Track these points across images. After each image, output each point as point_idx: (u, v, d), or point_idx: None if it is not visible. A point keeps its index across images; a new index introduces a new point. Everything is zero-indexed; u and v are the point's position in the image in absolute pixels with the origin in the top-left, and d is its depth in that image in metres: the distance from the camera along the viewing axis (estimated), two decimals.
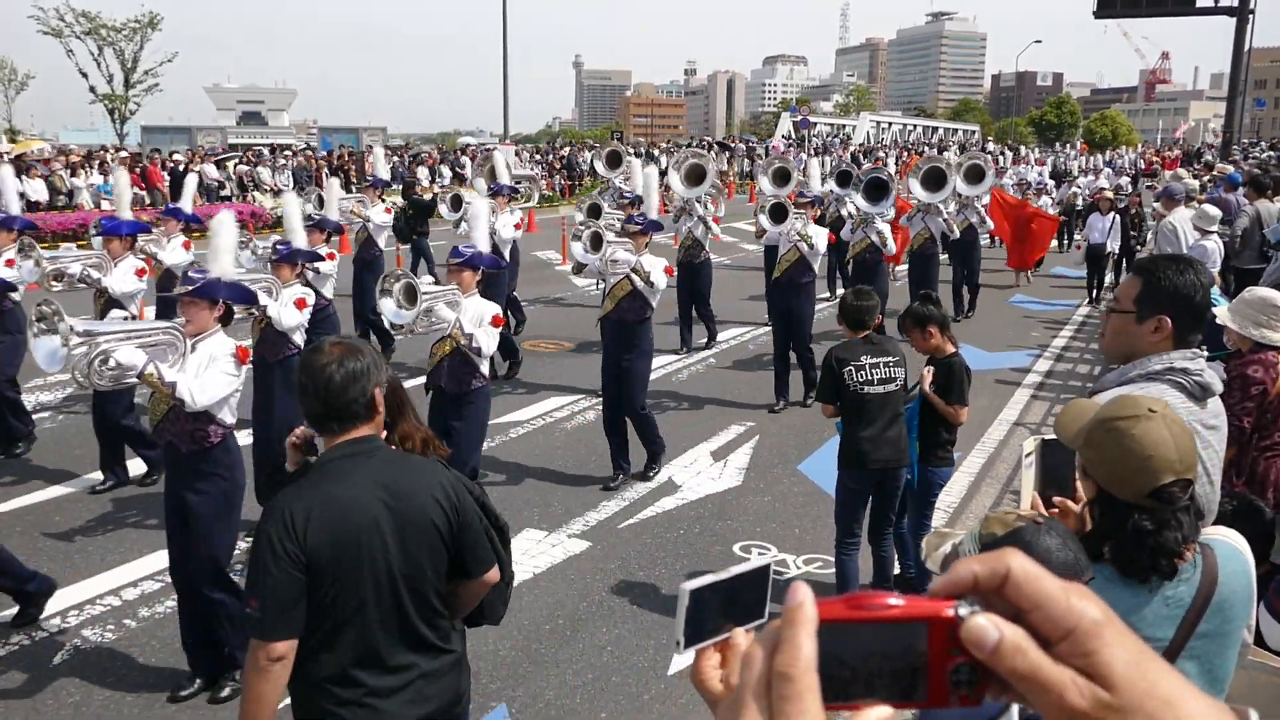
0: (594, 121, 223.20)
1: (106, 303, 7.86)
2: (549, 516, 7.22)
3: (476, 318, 6.50)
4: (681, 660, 5.28)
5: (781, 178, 13.37)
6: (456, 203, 12.85)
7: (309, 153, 36.93)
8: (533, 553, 6.61)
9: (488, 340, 6.48)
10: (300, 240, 7.81)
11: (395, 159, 33.88)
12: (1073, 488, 2.59)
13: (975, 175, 14.96)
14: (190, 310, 4.93)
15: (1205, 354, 2.99)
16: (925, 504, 5.85)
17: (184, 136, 55.90)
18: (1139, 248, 17.38)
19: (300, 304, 6.99)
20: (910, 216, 13.81)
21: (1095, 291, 16.67)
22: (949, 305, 13.21)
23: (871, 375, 5.40)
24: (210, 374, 4.81)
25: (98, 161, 29.58)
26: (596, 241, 8.22)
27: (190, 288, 4.93)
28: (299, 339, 6.99)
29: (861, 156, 43.75)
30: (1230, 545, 2.46)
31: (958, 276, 15.14)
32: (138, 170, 29.20)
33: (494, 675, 5.13)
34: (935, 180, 13.58)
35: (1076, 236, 22.90)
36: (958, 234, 13.97)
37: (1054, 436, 2.69)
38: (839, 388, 5.46)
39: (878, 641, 0.69)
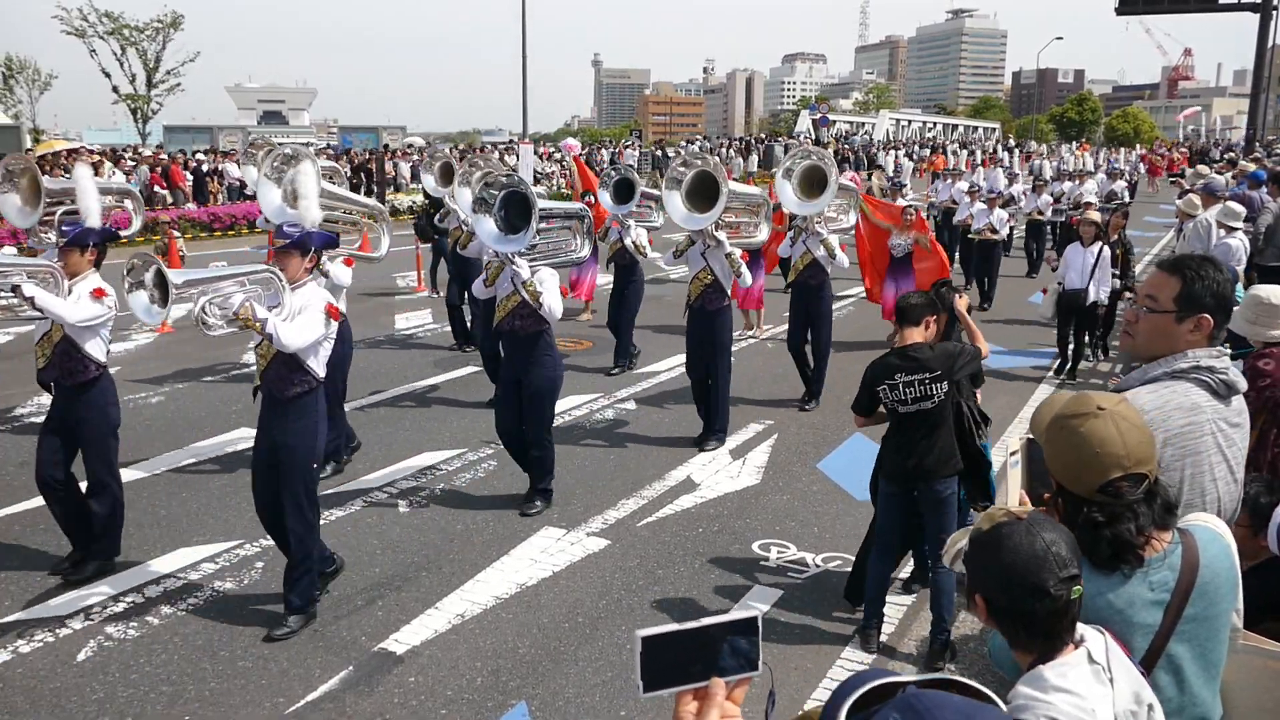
0: (613, 120, 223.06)
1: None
2: (568, 515, 7.23)
3: (299, 306, 5.40)
4: None
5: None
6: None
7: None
8: (552, 551, 6.63)
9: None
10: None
11: (416, 158, 33.97)
12: None
13: (813, 183, 9.37)
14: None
15: (1229, 351, 2.98)
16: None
17: (206, 136, 56.35)
18: (1130, 295, 11.01)
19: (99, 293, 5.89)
20: (680, 251, 9.06)
21: (1070, 363, 11.28)
22: (796, 379, 10.33)
23: (905, 394, 5.17)
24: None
25: (129, 162, 29.83)
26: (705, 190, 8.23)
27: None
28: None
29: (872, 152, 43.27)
30: (1210, 530, 2.50)
31: (797, 335, 10.09)
32: (159, 170, 29.50)
33: (514, 673, 5.14)
34: (705, 195, 8.42)
35: (1048, 254, 18.39)
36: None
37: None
38: (875, 403, 5.35)
39: None
